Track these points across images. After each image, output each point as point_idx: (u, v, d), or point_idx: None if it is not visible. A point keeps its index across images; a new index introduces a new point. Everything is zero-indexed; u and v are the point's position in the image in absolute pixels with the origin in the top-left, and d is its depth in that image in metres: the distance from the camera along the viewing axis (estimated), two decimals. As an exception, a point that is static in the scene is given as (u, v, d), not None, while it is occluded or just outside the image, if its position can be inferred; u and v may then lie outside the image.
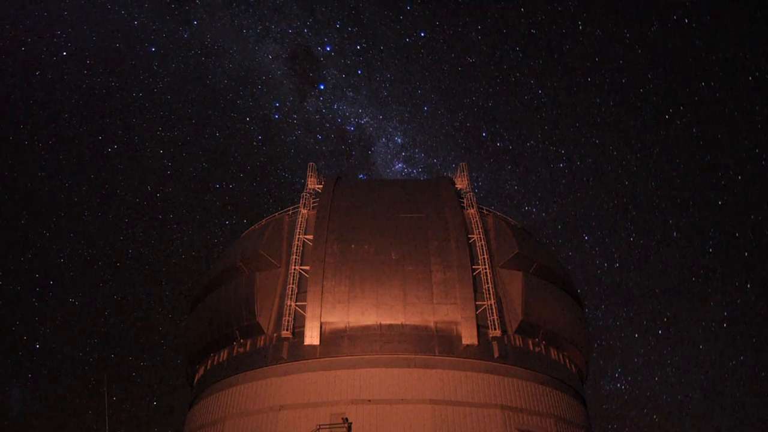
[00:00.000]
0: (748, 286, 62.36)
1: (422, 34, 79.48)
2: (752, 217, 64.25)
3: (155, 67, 76.27)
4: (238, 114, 79.14)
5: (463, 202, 30.39)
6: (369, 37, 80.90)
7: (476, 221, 28.64)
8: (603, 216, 72.65)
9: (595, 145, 74.83)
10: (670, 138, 70.84)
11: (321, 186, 32.27)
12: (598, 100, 74.05)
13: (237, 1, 76.61)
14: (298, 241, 27.77)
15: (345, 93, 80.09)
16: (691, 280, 66.98)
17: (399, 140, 79.45)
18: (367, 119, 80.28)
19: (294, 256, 27.14)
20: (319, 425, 22.36)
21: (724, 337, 63.30)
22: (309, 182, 32.94)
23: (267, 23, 77.82)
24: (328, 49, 79.03)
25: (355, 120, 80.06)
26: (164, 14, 75.47)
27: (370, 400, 23.29)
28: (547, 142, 76.92)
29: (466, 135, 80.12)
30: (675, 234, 69.41)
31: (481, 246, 27.53)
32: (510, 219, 33.27)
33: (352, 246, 27.26)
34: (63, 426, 63.64)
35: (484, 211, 30.99)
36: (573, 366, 30.22)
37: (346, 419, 22.41)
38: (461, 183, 33.39)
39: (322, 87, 78.57)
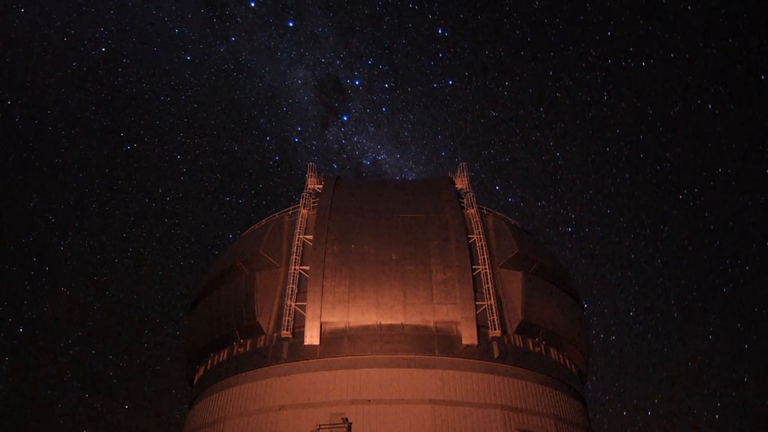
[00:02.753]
0: (745, 379, 60.56)
1: (450, 83, 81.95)
2: (755, 309, 62.95)
3: (187, 75, 78.97)
4: (260, 132, 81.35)
5: (463, 202, 30.37)
6: (398, 77, 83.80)
7: (476, 221, 28.63)
8: (605, 287, 72.04)
9: (606, 214, 74.57)
10: (681, 219, 70.09)
11: (321, 186, 32.24)
12: (614, 170, 73.94)
13: (276, 25, 79.38)
14: (298, 241, 27.77)
15: (367, 127, 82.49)
16: (687, 364, 65.10)
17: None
18: (384, 156, 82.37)
19: (294, 256, 27.14)
20: (319, 425, 22.34)
21: (716, 429, 61.10)
22: (309, 182, 32.90)
23: (302, 49, 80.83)
24: (357, 83, 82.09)
25: (372, 155, 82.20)
26: (205, 27, 78.44)
27: (370, 400, 23.28)
28: (558, 205, 77.03)
29: (480, 186, 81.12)
30: (675, 314, 68.35)
31: (481, 246, 27.51)
32: (510, 219, 33.24)
33: (352, 246, 27.25)
34: (29, 416, 63.57)
35: (484, 211, 30.97)
36: (573, 366, 30.19)
37: (346, 419, 22.39)
38: (461, 183, 33.35)
39: (345, 118, 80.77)
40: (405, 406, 23.13)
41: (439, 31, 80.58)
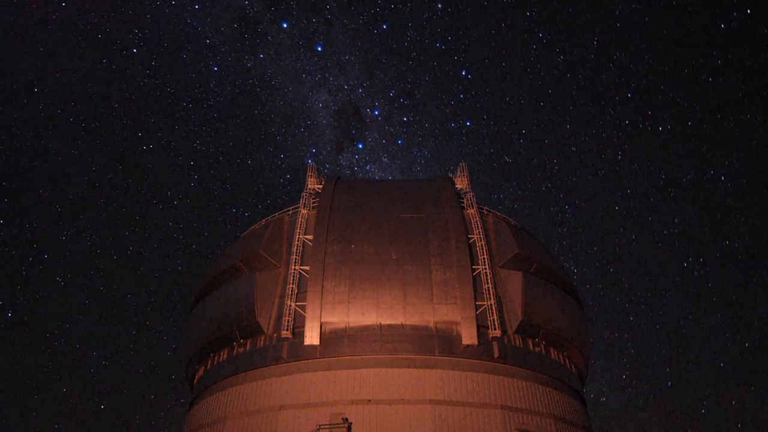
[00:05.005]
0: (738, 456, 60.26)
1: (468, 124, 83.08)
2: (752, 388, 62.22)
3: (212, 85, 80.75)
4: (275, 149, 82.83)
5: (463, 202, 30.36)
6: (418, 113, 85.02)
7: (476, 221, 28.62)
8: (600, 346, 71.33)
9: (609, 273, 74.60)
10: (684, 286, 69.90)
11: (321, 186, 32.22)
12: (621, 230, 74.10)
13: (305, 48, 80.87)
14: (298, 241, 27.76)
15: (380, 157, 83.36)
16: (676, 436, 64.42)
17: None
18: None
19: (294, 256, 27.13)
20: (319, 425, 22.34)
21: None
22: (309, 182, 32.86)
23: (326, 74, 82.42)
24: (377, 113, 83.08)
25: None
26: (236, 41, 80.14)
27: (370, 400, 23.28)
28: (562, 258, 76.94)
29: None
30: (669, 383, 67.67)
31: (481, 246, 27.50)
32: (510, 219, 33.22)
33: (352, 246, 27.24)
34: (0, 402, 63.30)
35: (484, 211, 30.95)
36: (573, 366, 30.18)
37: (346, 419, 22.38)
38: (461, 183, 33.34)
39: (360, 146, 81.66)
40: (405, 406, 23.13)
41: (463, 73, 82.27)
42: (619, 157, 73.79)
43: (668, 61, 70.46)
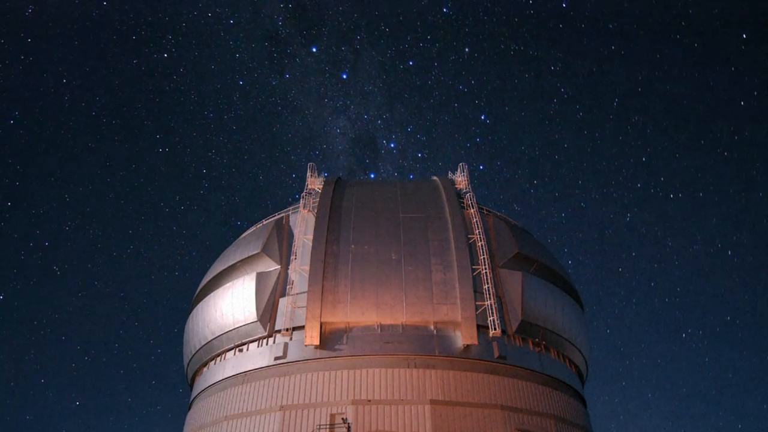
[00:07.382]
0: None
1: (481, 167, 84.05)
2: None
3: (235, 99, 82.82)
4: (288, 168, 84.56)
5: (463, 202, 30.36)
6: (433, 150, 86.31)
7: (476, 221, 28.62)
8: (589, 405, 72.14)
9: (606, 334, 75.34)
10: (680, 357, 70.51)
11: (321, 186, 32.21)
12: (622, 292, 75.10)
13: (330, 73, 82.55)
14: (298, 241, 27.75)
15: None
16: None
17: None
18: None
19: (294, 256, 27.13)
20: (319, 425, 22.33)
21: None
22: (309, 182, 32.87)
23: (348, 101, 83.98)
24: (392, 145, 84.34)
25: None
26: (264, 59, 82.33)
27: (370, 400, 23.28)
28: None
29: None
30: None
31: (481, 246, 27.50)
32: (510, 219, 33.20)
33: (352, 246, 27.24)
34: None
35: (484, 211, 30.94)
36: (573, 366, 30.18)
37: (346, 419, 22.37)
38: (461, 183, 33.33)
39: (372, 176, 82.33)
40: (405, 406, 23.12)
41: (482, 117, 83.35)
42: (628, 219, 74.94)
43: (687, 131, 72.21)
